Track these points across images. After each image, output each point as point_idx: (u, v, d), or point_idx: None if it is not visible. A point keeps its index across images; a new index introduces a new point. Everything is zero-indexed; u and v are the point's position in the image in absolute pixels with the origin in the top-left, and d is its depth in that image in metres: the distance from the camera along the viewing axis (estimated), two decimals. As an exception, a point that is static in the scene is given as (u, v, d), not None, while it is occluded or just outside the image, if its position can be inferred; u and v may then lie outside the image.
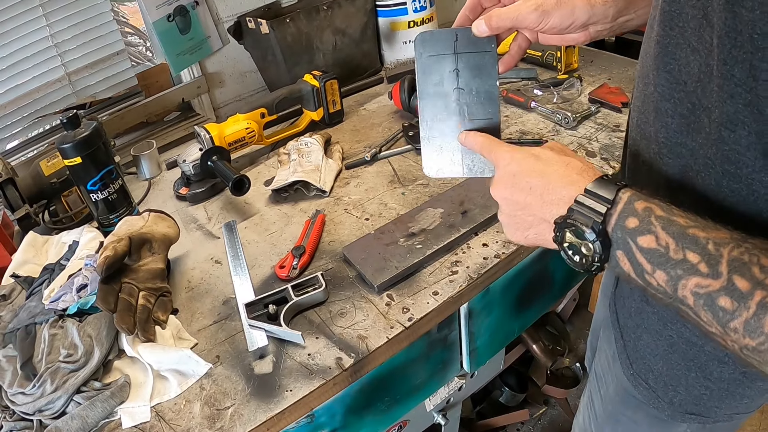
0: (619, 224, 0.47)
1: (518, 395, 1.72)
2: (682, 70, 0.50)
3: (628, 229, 0.47)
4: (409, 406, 1.00)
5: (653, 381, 0.67)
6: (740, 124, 0.44)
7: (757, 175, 0.45)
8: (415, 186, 1.07)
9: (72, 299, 0.81)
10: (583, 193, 0.50)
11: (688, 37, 0.48)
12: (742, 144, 0.45)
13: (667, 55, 0.51)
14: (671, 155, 0.54)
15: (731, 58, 0.42)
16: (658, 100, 0.54)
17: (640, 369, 0.68)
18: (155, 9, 1.29)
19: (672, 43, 0.50)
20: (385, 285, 0.84)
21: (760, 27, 0.39)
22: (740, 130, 0.44)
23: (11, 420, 0.72)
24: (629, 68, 1.38)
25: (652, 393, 0.68)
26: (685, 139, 0.52)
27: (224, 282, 0.92)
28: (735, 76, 0.42)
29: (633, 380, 0.70)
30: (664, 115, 0.54)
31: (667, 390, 0.65)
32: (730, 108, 0.44)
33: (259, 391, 0.72)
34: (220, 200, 1.14)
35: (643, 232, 0.46)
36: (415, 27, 1.48)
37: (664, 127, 0.54)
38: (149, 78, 1.44)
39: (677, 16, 0.49)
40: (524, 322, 1.16)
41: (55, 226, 1.10)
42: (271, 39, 1.34)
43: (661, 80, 0.53)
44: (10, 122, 1.21)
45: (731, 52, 0.42)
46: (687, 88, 0.50)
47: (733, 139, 0.45)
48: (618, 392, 0.75)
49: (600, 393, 0.82)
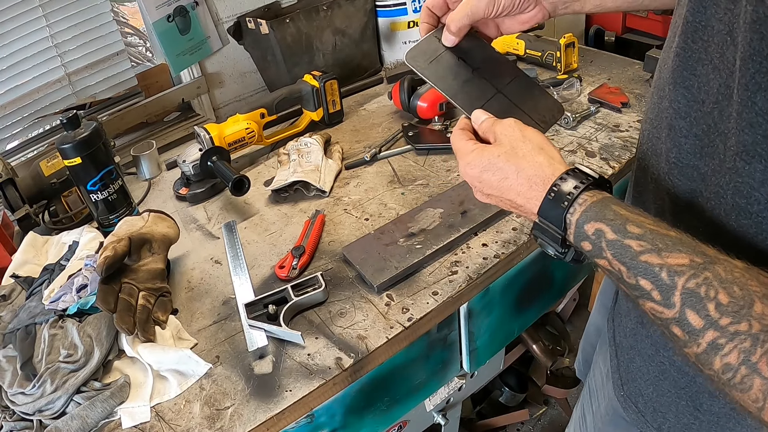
0: (577, 244, 0.48)
1: (518, 395, 1.72)
2: (702, 88, 0.45)
3: (585, 251, 0.47)
4: (409, 406, 1.00)
5: (642, 405, 0.64)
6: (757, 157, 0.40)
7: None
8: (415, 186, 1.07)
9: (72, 299, 0.81)
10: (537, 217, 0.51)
11: (711, 53, 0.44)
12: (757, 179, 0.41)
13: (687, 70, 0.47)
14: (681, 177, 0.50)
15: (754, 84, 0.38)
16: (673, 116, 0.50)
17: (631, 391, 0.66)
18: (155, 9, 1.29)
19: (693, 57, 0.46)
20: (385, 285, 0.84)
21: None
22: (756, 163, 0.40)
23: (11, 420, 0.72)
24: (629, 68, 1.38)
25: (641, 417, 0.65)
26: (697, 162, 0.48)
27: (224, 282, 0.92)
28: (756, 104, 0.38)
29: (623, 402, 0.67)
30: (678, 134, 0.49)
31: (656, 416, 0.63)
32: (748, 138, 0.40)
33: (259, 391, 0.72)
34: (219, 200, 1.14)
35: (597, 256, 0.45)
36: (414, 27, 1.48)
37: (676, 147, 0.50)
38: (149, 78, 1.44)
39: (701, 29, 0.44)
40: (524, 322, 1.16)
41: (55, 227, 1.10)
42: (271, 39, 1.34)
43: (677, 96, 0.49)
44: (10, 122, 1.21)
45: (755, 78, 0.38)
46: (704, 107, 0.46)
47: (747, 171, 0.41)
48: (608, 411, 0.73)
49: (592, 409, 0.80)
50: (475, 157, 0.56)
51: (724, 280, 0.38)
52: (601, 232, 0.45)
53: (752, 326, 0.36)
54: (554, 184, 0.49)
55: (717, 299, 0.38)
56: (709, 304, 0.38)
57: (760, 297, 0.37)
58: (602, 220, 0.45)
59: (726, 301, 0.37)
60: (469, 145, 0.58)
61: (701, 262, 0.39)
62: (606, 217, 0.45)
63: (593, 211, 0.46)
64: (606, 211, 0.45)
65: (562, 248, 0.50)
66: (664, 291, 0.40)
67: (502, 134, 0.56)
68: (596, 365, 0.80)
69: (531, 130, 0.56)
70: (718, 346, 0.37)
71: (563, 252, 0.50)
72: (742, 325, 0.36)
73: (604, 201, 0.47)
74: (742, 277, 0.38)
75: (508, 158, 0.53)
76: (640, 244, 0.42)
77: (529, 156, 0.53)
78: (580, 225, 0.47)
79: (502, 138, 0.56)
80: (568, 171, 0.50)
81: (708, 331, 0.38)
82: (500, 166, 0.54)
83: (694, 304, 0.38)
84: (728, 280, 0.38)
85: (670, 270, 0.40)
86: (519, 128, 0.56)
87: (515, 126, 0.56)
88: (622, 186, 1.10)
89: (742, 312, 0.37)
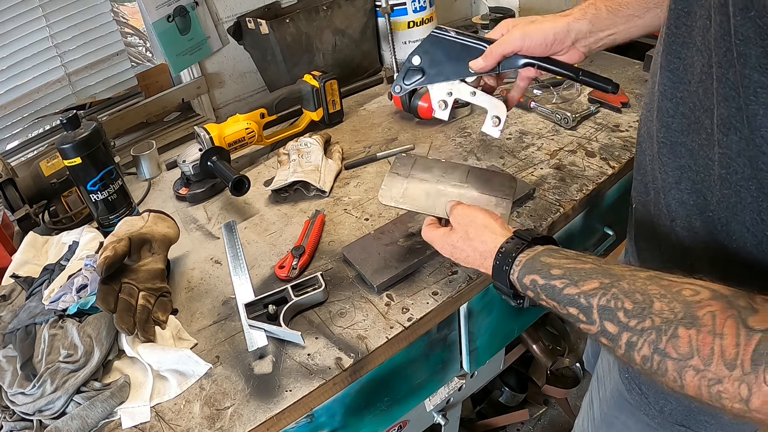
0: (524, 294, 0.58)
1: (518, 395, 1.72)
2: (687, 69, 0.50)
3: (530, 297, 0.57)
4: (409, 406, 1.00)
5: (646, 387, 0.67)
6: (732, 129, 0.44)
7: (745, 183, 0.46)
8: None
9: (72, 299, 0.81)
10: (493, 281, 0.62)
11: (695, 36, 0.48)
12: (734, 149, 0.45)
13: (671, 54, 0.52)
14: (670, 155, 0.55)
15: (726, 61, 0.42)
16: (660, 99, 0.55)
17: (635, 373, 0.68)
18: (155, 9, 1.29)
19: (677, 42, 0.51)
20: (385, 285, 0.84)
21: (741, 32, 0.39)
22: (732, 134, 0.45)
23: (11, 420, 0.72)
24: (629, 68, 1.38)
25: (644, 399, 0.68)
26: (685, 138, 0.52)
27: (224, 282, 0.92)
28: (729, 80, 0.42)
29: (627, 384, 0.70)
30: (665, 115, 0.54)
31: (658, 398, 0.66)
32: (724, 111, 0.44)
33: (259, 391, 0.72)
34: (219, 200, 1.14)
35: (538, 299, 0.55)
36: (414, 27, 1.48)
37: (664, 127, 0.55)
38: (149, 78, 1.44)
39: (685, 15, 0.49)
40: (524, 322, 1.16)
41: (55, 227, 1.10)
42: (271, 39, 1.34)
43: (663, 79, 0.53)
44: (10, 122, 1.21)
45: (726, 55, 0.42)
46: (690, 87, 0.50)
47: (725, 143, 0.46)
48: (614, 395, 0.76)
49: (599, 395, 0.82)
50: (445, 242, 0.70)
51: (627, 291, 0.46)
52: (535, 281, 0.55)
53: (654, 321, 0.43)
54: (497, 255, 0.61)
55: (624, 307, 0.45)
56: (618, 312, 0.45)
57: (658, 297, 0.43)
58: (533, 272, 0.55)
59: (631, 307, 0.45)
60: (438, 233, 0.73)
61: (608, 282, 0.47)
62: (535, 269, 0.55)
63: (527, 267, 0.57)
64: (535, 264, 0.56)
65: (516, 301, 0.61)
66: (586, 312, 0.48)
67: (455, 222, 0.70)
68: (604, 352, 0.82)
69: (474, 210, 0.69)
70: (632, 344, 0.44)
71: (520, 302, 0.61)
72: (646, 322, 0.43)
73: (535, 256, 0.57)
74: (643, 285, 0.45)
75: (464, 241, 0.67)
76: (562, 282, 0.51)
77: (477, 237, 0.65)
78: (519, 279, 0.57)
79: (456, 226, 0.69)
80: (507, 240, 0.61)
81: (623, 334, 0.45)
82: (461, 247, 0.67)
83: (608, 316, 0.46)
84: (631, 291, 0.45)
85: (585, 295, 0.48)
86: (466, 213, 0.69)
87: (462, 213, 0.70)
88: (622, 186, 1.10)
89: (645, 312, 0.43)
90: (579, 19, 0.69)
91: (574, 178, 1.02)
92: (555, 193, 0.99)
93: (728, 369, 0.38)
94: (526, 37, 0.70)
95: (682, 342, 0.40)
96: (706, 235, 0.53)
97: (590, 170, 1.03)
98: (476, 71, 0.75)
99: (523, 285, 0.57)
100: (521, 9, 1.71)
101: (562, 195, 0.98)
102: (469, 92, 0.78)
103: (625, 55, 1.46)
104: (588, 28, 0.70)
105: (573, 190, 0.99)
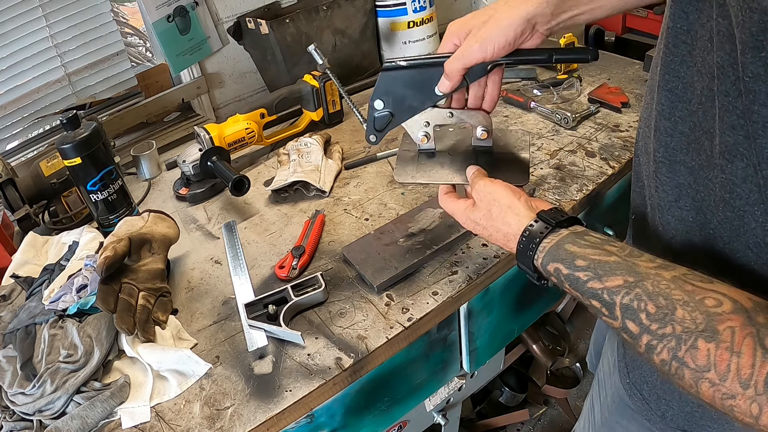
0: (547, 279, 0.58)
1: (518, 395, 1.72)
2: (687, 89, 0.49)
3: (553, 282, 0.57)
4: (409, 406, 1.00)
5: (647, 392, 0.67)
6: (738, 156, 0.44)
7: (750, 209, 0.46)
8: (415, 186, 1.07)
9: (72, 299, 0.81)
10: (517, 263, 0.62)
11: (695, 56, 0.47)
12: (738, 176, 0.45)
13: (669, 73, 0.51)
14: (669, 173, 0.55)
15: (734, 91, 0.42)
16: (657, 118, 0.54)
17: (636, 379, 0.68)
18: (155, 9, 1.29)
19: (676, 61, 0.50)
20: (385, 285, 0.84)
21: (751, 70, 0.39)
22: (738, 161, 0.44)
23: (11, 420, 0.72)
24: (629, 68, 1.38)
25: (645, 404, 0.67)
26: (684, 157, 0.52)
27: (224, 282, 0.92)
28: (738, 109, 0.42)
29: (628, 389, 0.70)
30: (663, 134, 0.54)
31: (659, 403, 0.65)
32: (730, 139, 0.44)
33: (259, 391, 0.72)
34: (219, 200, 1.14)
35: (561, 286, 0.56)
36: (414, 27, 1.48)
37: (662, 147, 0.55)
38: (149, 78, 1.44)
39: (684, 33, 0.48)
40: (524, 322, 1.16)
41: (55, 227, 1.10)
42: (271, 39, 1.34)
43: (662, 98, 0.53)
44: (10, 122, 1.21)
45: (734, 86, 0.42)
46: (690, 107, 0.49)
47: (730, 169, 0.46)
48: (615, 400, 0.75)
49: (600, 399, 0.82)
50: (467, 217, 0.69)
51: (651, 293, 0.46)
52: (558, 269, 0.55)
53: (675, 329, 0.43)
54: (520, 239, 0.60)
55: (647, 309, 0.45)
56: (641, 314, 0.46)
57: (681, 304, 0.44)
58: (557, 260, 0.55)
59: (653, 310, 0.45)
60: (460, 206, 0.70)
61: (632, 281, 0.48)
62: (559, 257, 0.55)
63: (550, 254, 0.56)
64: (559, 251, 0.55)
65: (540, 282, 0.60)
66: (609, 308, 0.49)
67: (478, 199, 0.68)
68: (605, 355, 0.82)
69: (498, 188, 0.66)
70: (652, 347, 0.45)
71: (544, 282, 0.60)
72: (668, 328, 0.44)
73: (559, 243, 0.56)
74: (667, 288, 0.45)
75: (487, 220, 0.66)
76: (586, 274, 0.51)
77: (500, 218, 0.64)
78: (543, 266, 0.57)
79: (479, 203, 0.67)
80: (531, 223, 0.60)
81: (643, 336, 0.46)
82: (484, 225, 0.66)
83: (630, 315, 0.47)
84: (654, 293, 0.46)
85: (609, 291, 0.49)
86: (489, 190, 0.67)
87: (486, 189, 0.67)
88: (622, 186, 1.10)
89: (666, 318, 0.44)
90: (539, 4, 0.62)
91: (574, 178, 1.02)
92: (555, 193, 0.99)
93: (742, 387, 0.39)
94: (486, 45, 0.63)
95: (700, 354, 0.42)
96: (707, 251, 0.53)
97: (590, 170, 1.03)
98: (444, 93, 0.70)
99: (546, 272, 0.57)
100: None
101: (562, 195, 0.98)
102: (445, 116, 0.74)
103: (626, 55, 1.46)
104: (550, 11, 0.63)
105: (573, 190, 0.99)
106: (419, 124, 0.75)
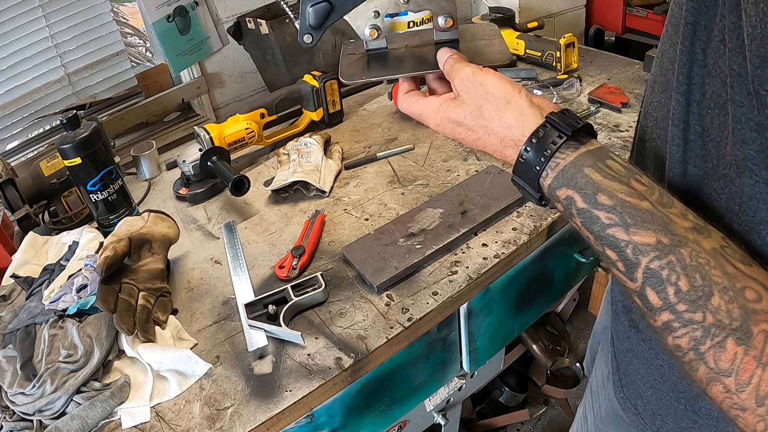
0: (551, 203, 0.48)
1: (518, 395, 1.72)
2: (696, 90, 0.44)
3: (558, 210, 0.47)
4: (409, 406, 1.00)
5: (642, 407, 0.64)
6: (747, 171, 0.40)
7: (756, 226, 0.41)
8: (415, 186, 1.07)
9: (72, 299, 0.81)
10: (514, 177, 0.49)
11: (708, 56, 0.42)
12: (746, 192, 0.41)
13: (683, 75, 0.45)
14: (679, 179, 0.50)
15: (748, 102, 0.38)
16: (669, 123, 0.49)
17: (630, 393, 0.66)
18: (155, 9, 1.29)
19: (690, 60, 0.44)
20: (385, 285, 0.84)
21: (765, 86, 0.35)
22: (746, 177, 0.40)
23: (11, 420, 0.72)
24: (629, 68, 1.38)
25: (640, 419, 0.65)
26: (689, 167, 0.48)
27: (224, 282, 0.92)
28: (752, 121, 0.38)
29: (623, 403, 0.68)
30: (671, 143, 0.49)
31: (654, 418, 0.63)
32: (739, 153, 0.40)
33: (259, 391, 0.72)
34: (219, 200, 1.14)
35: (569, 218, 0.45)
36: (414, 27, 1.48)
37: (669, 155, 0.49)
38: (149, 78, 1.44)
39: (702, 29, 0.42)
40: (524, 322, 1.16)
41: (55, 227, 1.10)
42: (271, 39, 1.34)
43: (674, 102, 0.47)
44: (10, 122, 1.21)
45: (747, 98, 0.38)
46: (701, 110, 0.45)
47: (738, 184, 0.42)
48: (608, 412, 0.73)
49: (593, 410, 0.80)
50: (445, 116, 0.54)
51: (687, 266, 0.38)
52: (571, 199, 0.44)
53: (706, 318, 0.37)
54: (526, 146, 0.47)
55: (677, 285, 0.38)
56: (669, 287, 0.39)
57: (719, 289, 0.37)
58: (573, 187, 0.44)
59: (686, 288, 0.38)
60: (432, 102, 0.56)
61: (667, 244, 0.39)
62: (576, 184, 0.44)
63: (565, 176, 0.45)
64: (577, 176, 0.44)
65: (540, 202, 0.49)
66: (629, 265, 0.41)
67: (463, 92, 0.53)
68: (598, 366, 0.80)
69: (491, 78, 0.51)
70: (671, 327, 0.39)
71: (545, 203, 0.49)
72: (697, 314, 0.38)
73: (577, 163, 0.45)
74: (707, 264, 0.38)
75: (476, 119, 0.52)
76: (608, 217, 0.42)
77: (495, 117, 0.50)
78: (552, 189, 0.46)
79: (465, 97, 0.53)
80: (538, 128, 0.47)
81: (664, 312, 0.39)
82: (470, 126, 0.52)
83: (654, 285, 0.39)
84: (692, 267, 0.38)
85: (635, 248, 0.40)
86: (480, 81, 0.52)
87: (474, 79, 0.52)
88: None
89: (699, 302, 0.38)
90: None
91: (574, 178, 1.02)
92: (555, 193, 0.99)
93: (756, 404, 0.36)
94: None
95: (725, 357, 0.37)
96: None
97: (590, 170, 1.03)
98: None
99: (554, 196, 0.46)
100: (521, 9, 1.71)
101: (562, 195, 0.98)
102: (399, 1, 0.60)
103: (626, 55, 1.46)
104: None
105: (573, 190, 0.99)
106: (366, 15, 0.62)
